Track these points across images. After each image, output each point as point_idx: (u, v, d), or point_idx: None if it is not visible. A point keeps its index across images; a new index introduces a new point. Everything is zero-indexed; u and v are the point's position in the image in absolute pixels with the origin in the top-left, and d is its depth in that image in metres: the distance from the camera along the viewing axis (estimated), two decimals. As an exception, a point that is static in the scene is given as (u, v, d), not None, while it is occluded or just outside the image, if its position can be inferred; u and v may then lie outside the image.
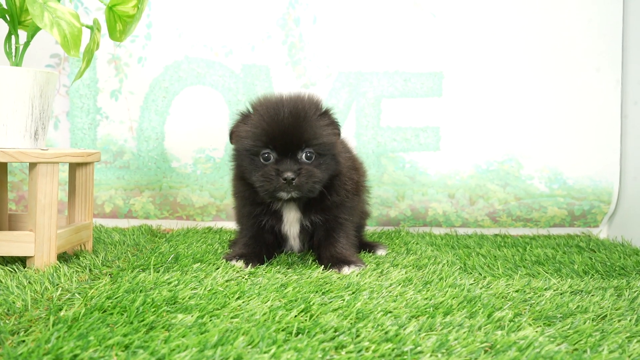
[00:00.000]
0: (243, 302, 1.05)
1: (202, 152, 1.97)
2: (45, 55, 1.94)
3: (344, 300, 1.06)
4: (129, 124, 1.96)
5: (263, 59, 1.98)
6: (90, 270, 1.30)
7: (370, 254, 1.58)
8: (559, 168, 2.02)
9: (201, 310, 0.99)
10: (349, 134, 1.99)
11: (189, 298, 1.06)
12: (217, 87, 1.97)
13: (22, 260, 1.33)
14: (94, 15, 1.92)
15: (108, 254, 1.46)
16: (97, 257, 1.40)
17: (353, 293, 1.13)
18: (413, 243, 1.73)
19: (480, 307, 1.03)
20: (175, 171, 1.97)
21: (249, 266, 1.35)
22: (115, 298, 1.03)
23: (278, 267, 1.37)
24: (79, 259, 1.39)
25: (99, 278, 1.24)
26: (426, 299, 1.09)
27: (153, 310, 0.99)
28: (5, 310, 0.98)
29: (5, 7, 1.35)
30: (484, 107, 2.02)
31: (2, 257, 1.36)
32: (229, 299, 1.06)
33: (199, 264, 1.36)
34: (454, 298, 1.09)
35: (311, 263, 1.44)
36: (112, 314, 0.97)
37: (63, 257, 1.40)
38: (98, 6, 1.93)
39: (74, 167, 1.46)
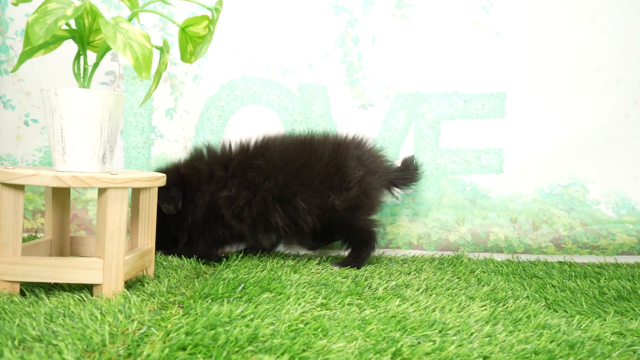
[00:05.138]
0: (329, 342, 0.99)
1: (256, 173, 1.93)
2: (100, 72, 1.91)
3: (434, 342, 1.00)
4: (184, 143, 1.93)
5: (320, 78, 1.93)
6: (156, 298, 1.25)
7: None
8: (627, 193, 1.93)
9: (288, 351, 0.93)
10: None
11: (271, 335, 1.01)
12: (273, 106, 1.93)
13: (89, 288, 1.29)
14: (149, 32, 1.90)
15: (171, 279, 1.42)
16: (161, 283, 1.36)
17: (440, 332, 1.07)
18: (480, 271, 1.65)
19: (585, 354, 0.95)
20: (229, 191, 1.92)
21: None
22: (195, 334, 0.99)
23: (349, 297, 1.31)
24: (143, 285, 1.34)
25: (167, 308, 1.19)
26: (521, 341, 1.02)
27: (237, 349, 0.94)
28: (85, 346, 0.94)
29: (74, 27, 1.32)
30: (547, 129, 1.94)
31: (68, 283, 1.32)
32: (313, 337, 1.01)
33: (268, 293, 1.31)
34: (552, 341, 1.02)
35: (382, 292, 1.37)
36: (194, 353, 0.92)
37: (127, 283, 1.36)
38: (154, 23, 1.91)
39: (137, 190, 1.43)
